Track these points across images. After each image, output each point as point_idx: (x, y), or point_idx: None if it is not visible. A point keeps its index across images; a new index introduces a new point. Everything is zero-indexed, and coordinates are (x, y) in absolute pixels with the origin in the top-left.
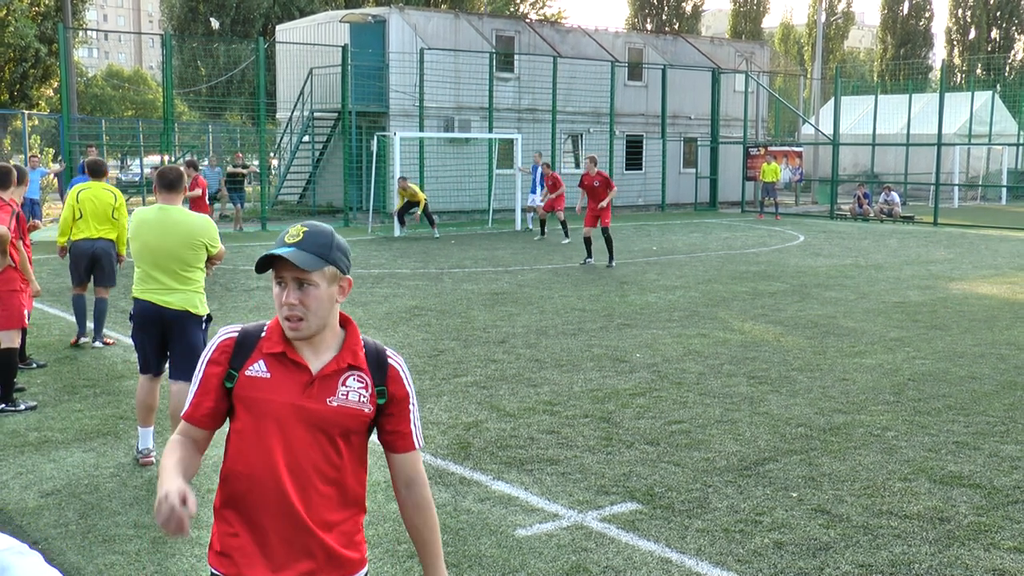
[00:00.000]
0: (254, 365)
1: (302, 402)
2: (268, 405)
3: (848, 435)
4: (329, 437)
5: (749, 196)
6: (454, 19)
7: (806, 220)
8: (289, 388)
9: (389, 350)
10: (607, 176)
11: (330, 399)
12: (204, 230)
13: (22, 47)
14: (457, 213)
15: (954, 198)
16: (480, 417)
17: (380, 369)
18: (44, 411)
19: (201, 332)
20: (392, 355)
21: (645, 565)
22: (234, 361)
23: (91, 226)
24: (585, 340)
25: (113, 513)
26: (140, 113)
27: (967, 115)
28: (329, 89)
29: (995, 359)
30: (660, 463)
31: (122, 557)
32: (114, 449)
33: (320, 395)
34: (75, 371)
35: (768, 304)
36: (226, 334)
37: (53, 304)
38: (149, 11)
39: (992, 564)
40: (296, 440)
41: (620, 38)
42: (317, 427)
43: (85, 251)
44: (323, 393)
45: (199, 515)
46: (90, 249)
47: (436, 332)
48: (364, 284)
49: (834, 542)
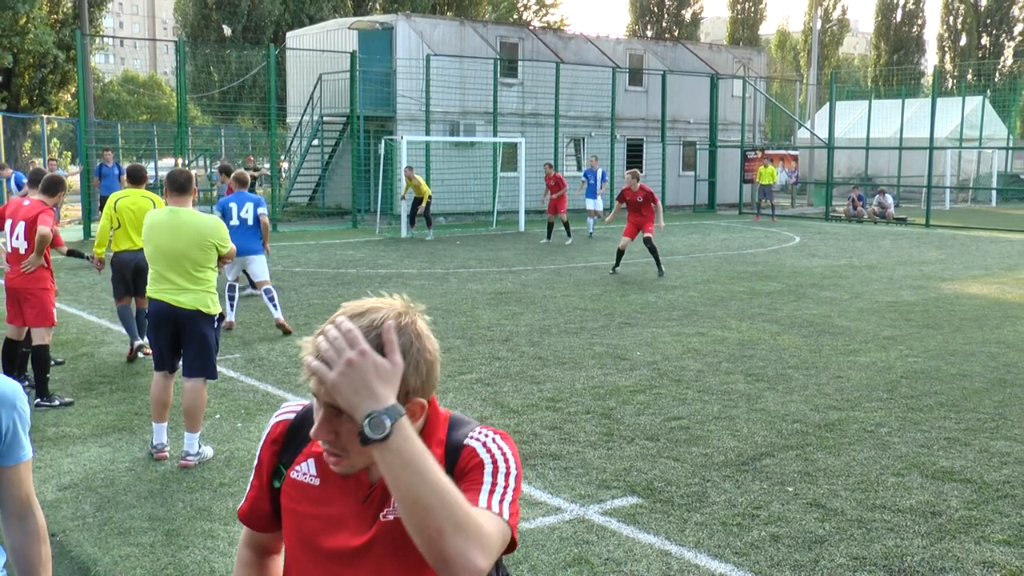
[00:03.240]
0: (302, 465)
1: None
2: (313, 523)
3: (843, 431)
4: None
5: (747, 198)
6: (459, 26)
7: (802, 222)
8: (343, 501)
9: (479, 430)
10: (651, 191)
11: (385, 513)
12: (214, 231)
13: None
14: (462, 215)
15: (946, 200)
16: (485, 413)
17: (453, 455)
18: (61, 407)
19: (213, 330)
20: (476, 435)
21: (645, 557)
22: (283, 454)
23: (131, 237)
24: (587, 338)
25: (128, 506)
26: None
27: (958, 120)
28: (338, 94)
29: (985, 357)
30: (660, 458)
31: (137, 549)
32: (129, 444)
33: (378, 509)
34: (92, 368)
35: (765, 303)
36: (282, 415)
37: (71, 303)
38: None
39: (982, 557)
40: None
41: (621, 44)
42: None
43: (128, 263)
44: (382, 506)
45: (211, 507)
46: (133, 260)
47: (442, 330)
48: (372, 284)
49: (829, 535)
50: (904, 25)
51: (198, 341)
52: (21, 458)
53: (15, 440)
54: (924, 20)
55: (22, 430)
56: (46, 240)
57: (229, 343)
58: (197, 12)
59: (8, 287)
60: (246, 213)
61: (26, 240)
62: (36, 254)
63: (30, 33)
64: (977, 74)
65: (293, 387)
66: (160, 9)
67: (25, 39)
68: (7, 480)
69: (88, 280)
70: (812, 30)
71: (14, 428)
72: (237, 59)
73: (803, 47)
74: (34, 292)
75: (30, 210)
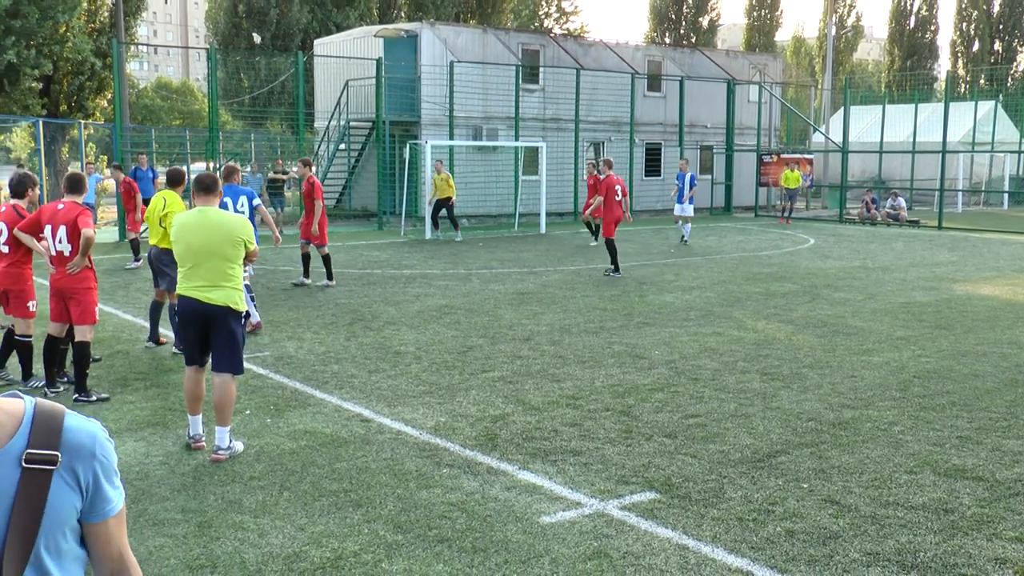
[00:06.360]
0: None
1: None
2: None
3: (856, 429)
4: None
5: (762, 201)
6: (482, 34)
7: (816, 224)
8: None
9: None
10: (604, 183)
11: None
12: (242, 228)
13: (79, 61)
14: (484, 217)
15: (958, 203)
16: (507, 410)
17: None
18: (98, 402)
19: (240, 327)
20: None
21: (663, 551)
22: None
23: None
24: (606, 338)
25: (162, 499)
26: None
27: (971, 124)
28: (364, 100)
29: (997, 357)
30: (677, 455)
31: (170, 540)
32: (163, 439)
33: None
34: (127, 365)
35: (780, 304)
36: None
37: (107, 302)
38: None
39: (994, 553)
40: None
41: (640, 51)
42: None
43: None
44: None
45: (241, 500)
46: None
47: (465, 329)
48: (397, 284)
49: (843, 531)
50: (918, 31)
51: (226, 337)
52: (108, 513)
53: (99, 494)
54: (937, 26)
55: (106, 481)
56: (90, 242)
57: (260, 341)
58: (228, 21)
59: (54, 287)
60: (242, 207)
61: (69, 243)
62: (80, 256)
63: (69, 42)
64: (989, 79)
65: (320, 384)
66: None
67: (64, 47)
68: (94, 537)
69: (123, 280)
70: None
71: (95, 481)
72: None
73: (818, 53)
74: (79, 291)
75: (68, 213)
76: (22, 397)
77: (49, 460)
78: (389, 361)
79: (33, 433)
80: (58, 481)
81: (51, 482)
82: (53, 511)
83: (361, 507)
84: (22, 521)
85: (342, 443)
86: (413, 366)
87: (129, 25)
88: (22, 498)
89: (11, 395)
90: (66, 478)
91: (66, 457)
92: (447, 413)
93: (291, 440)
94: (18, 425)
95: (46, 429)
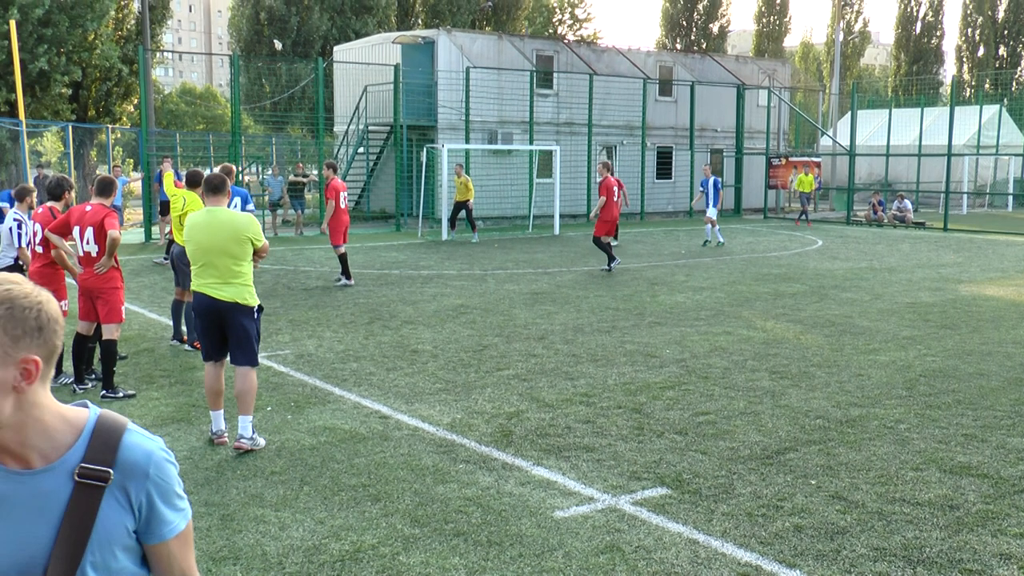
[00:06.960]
0: None
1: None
2: None
3: (863, 427)
4: None
5: (771, 203)
6: (497, 40)
7: (824, 226)
8: None
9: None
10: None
11: None
12: (249, 226)
13: (107, 68)
14: (500, 219)
15: (963, 205)
16: (521, 407)
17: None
18: (124, 399)
19: (253, 321)
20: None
21: (674, 545)
22: None
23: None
24: (618, 337)
25: (186, 492)
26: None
27: (976, 127)
28: (382, 105)
29: (1002, 357)
30: (688, 451)
31: (194, 532)
32: (187, 434)
33: None
34: (152, 363)
35: (789, 304)
36: None
37: (133, 301)
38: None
39: (999, 549)
40: None
41: (651, 57)
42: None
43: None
44: None
45: (263, 494)
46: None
47: (480, 329)
48: (414, 284)
49: (850, 527)
50: (923, 37)
51: (239, 331)
52: (166, 535)
53: (154, 515)
54: (943, 32)
55: (162, 503)
56: (116, 243)
57: (280, 339)
58: (250, 28)
59: (82, 287)
60: (234, 206)
61: (96, 244)
62: (107, 256)
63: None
64: (994, 83)
65: (339, 381)
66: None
67: (93, 54)
68: (156, 558)
69: (149, 280)
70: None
71: (149, 502)
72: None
73: (826, 58)
74: (106, 291)
75: (95, 215)
76: (89, 407)
77: (101, 477)
78: (406, 359)
79: (90, 447)
80: (109, 499)
81: (102, 499)
82: (103, 529)
83: (379, 501)
84: (70, 536)
85: (361, 439)
86: (430, 364)
87: (155, 33)
88: (72, 513)
89: (80, 404)
90: (118, 496)
91: (119, 475)
92: (463, 410)
93: (311, 436)
94: (77, 436)
95: (103, 444)
